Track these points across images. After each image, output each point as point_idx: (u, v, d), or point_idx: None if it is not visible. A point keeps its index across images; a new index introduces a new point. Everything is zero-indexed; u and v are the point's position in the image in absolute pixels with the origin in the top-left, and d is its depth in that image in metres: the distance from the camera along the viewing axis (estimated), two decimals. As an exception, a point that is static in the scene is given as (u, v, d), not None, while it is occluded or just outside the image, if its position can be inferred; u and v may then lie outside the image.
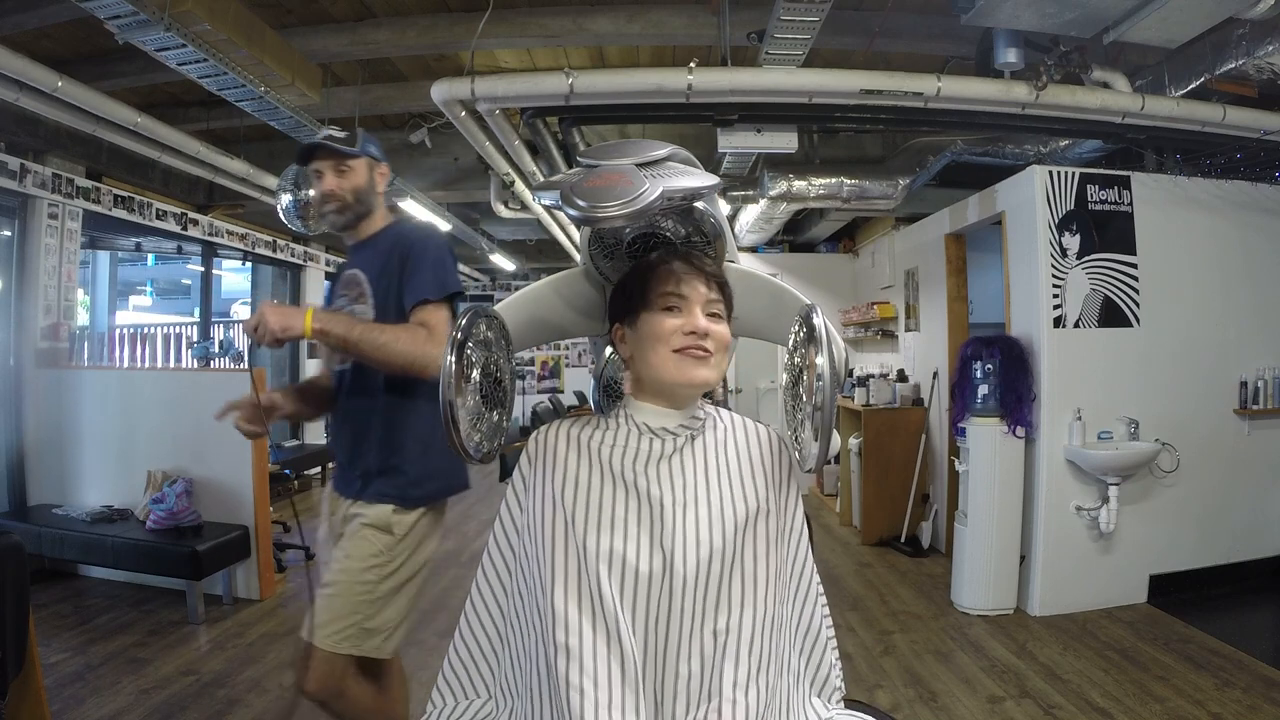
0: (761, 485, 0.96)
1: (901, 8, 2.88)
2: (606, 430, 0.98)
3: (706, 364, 0.92)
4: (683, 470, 0.94)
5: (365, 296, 1.58)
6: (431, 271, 1.53)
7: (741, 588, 0.89)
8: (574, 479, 0.92)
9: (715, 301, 0.95)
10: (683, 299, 0.93)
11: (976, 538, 3.29)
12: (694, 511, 0.90)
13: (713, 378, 0.93)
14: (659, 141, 0.96)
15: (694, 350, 0.92)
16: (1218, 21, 2.43)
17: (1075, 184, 3.32)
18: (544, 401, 7.29)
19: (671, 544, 0.88)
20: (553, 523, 0.90)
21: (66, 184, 3.96)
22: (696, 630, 0.87)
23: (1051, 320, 3.26)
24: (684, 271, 0.94)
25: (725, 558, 0.89)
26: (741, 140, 3.24)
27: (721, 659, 0.86)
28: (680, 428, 0.97)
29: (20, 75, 2.82)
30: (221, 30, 2.60)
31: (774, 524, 0.95)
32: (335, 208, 1.64)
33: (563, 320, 1.16)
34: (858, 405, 4.60)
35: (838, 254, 6.27)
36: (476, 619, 0.97)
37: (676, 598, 0.86)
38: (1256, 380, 3.49)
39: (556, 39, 3.08)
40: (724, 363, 0.96)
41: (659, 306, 0.93)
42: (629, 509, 0.90)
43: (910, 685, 2.57)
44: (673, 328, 0.92)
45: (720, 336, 0.94)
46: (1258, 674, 2.57)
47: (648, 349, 0.94)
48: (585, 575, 0.86)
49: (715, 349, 0.93)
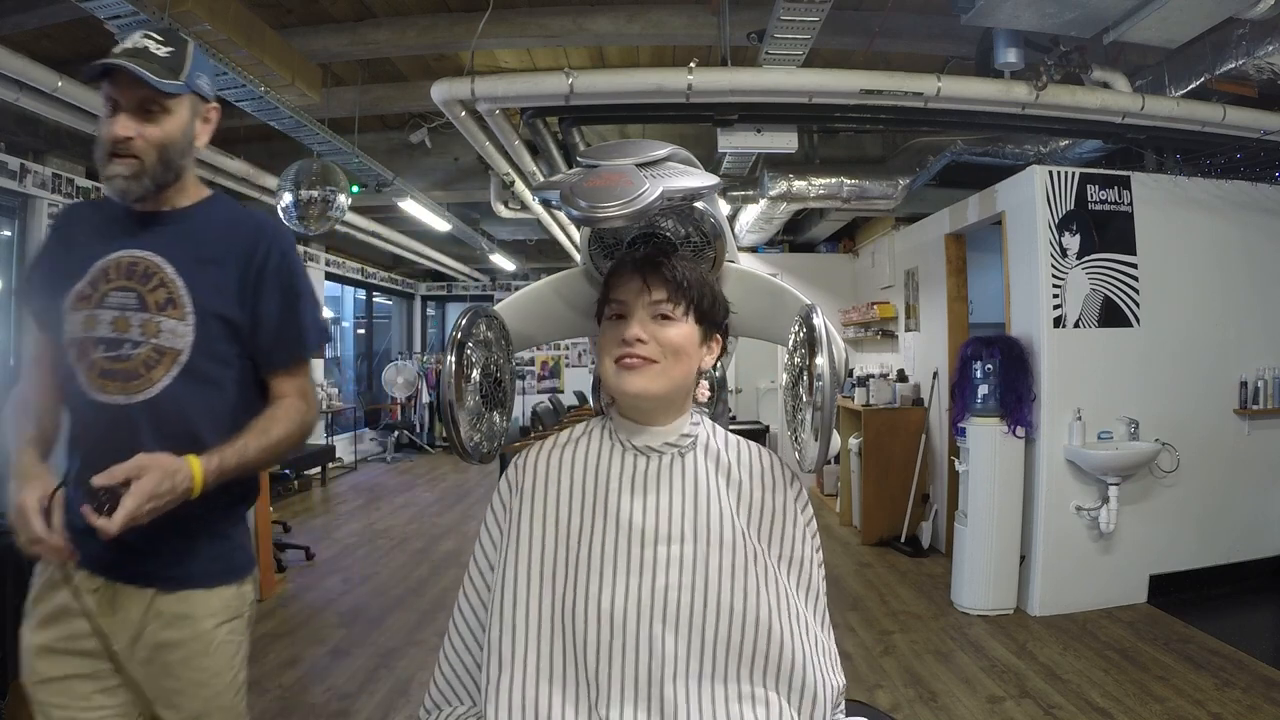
0: (757, 514, 0.91)
1: (901, 8, 2.88)
2: (589, 446, 0.93)
3: (641, 373, 0.86)
4: (669, 495, 0.88)
5: (177, 304, 1.02)
6: (312, 314, 1.12)
7: (729, 630, 0.83)
8: (554, 516, 0.88)
9: (661, 303, 0.87)
10: (623, 304, 0.88)
11: (976, 538, 3.28)
12: (679, 545, 0.85)
13: (650, 387, 0.86)
14: (659, 141, 0.96)
15: (625, 360, 0.86)
16: (1218, 21, 2.42)
17: (1075, 184, 3.32)
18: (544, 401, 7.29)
19: (652, 586, 0.83)
20: (526, 581, 0.86)
21: (66, 184, 3.96)
22: (686, 678, 0.81)
23: (1051, 320, 3.26)
24: (629, 275, 0.89)
25: (711, 599, 0.83)
26: (741, 140, 3.24)
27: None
28: (665, 445, 0.91)
29: (20, 75, 2.82)
30: (221, 30, 2.60)
31: (767, 556, 0.89)
32: (130, 170, 1.04)
33: (563, 320, 1.16)
34: (858, 405, 4.60)
35: (838, 254, 6.27)
36: (458, 636, 0.93)
37: (657, 644, 0.81)
38: (1256, 380, 3.49)
39: (556, 39, 3.08)
40: (676, 368, 0.88)
41: (607, 315, 0.90)
42: (605, 544, 0.86)
43: (910, 685, 2.57)
44: (614, 338, 0.88)
45: (666, 339, 0.87)
46: (1258, 674, 2.57)
47: (600, 360, 0.91)
48: (559, 643, 0.82)
49: (656, 354, 0.86)
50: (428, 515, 5.35)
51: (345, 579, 3.81)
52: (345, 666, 2.73)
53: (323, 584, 3.73)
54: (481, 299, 9.63)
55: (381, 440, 8.29)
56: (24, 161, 3.69)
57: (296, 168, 3.57)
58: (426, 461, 8.10)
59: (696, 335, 0.90)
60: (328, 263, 7.29)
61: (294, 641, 2.97)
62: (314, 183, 3.53)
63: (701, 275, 0.92)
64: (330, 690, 2.55)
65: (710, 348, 0.93)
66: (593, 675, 0.81)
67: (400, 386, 8.16)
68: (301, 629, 3.11)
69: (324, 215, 3.57)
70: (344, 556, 4.22)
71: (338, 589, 3.65)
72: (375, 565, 4.05)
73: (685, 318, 0.88)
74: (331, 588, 3.67)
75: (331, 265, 7.40)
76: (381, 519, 5.25)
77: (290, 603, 3.44)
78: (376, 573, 3.92)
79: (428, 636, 3.00)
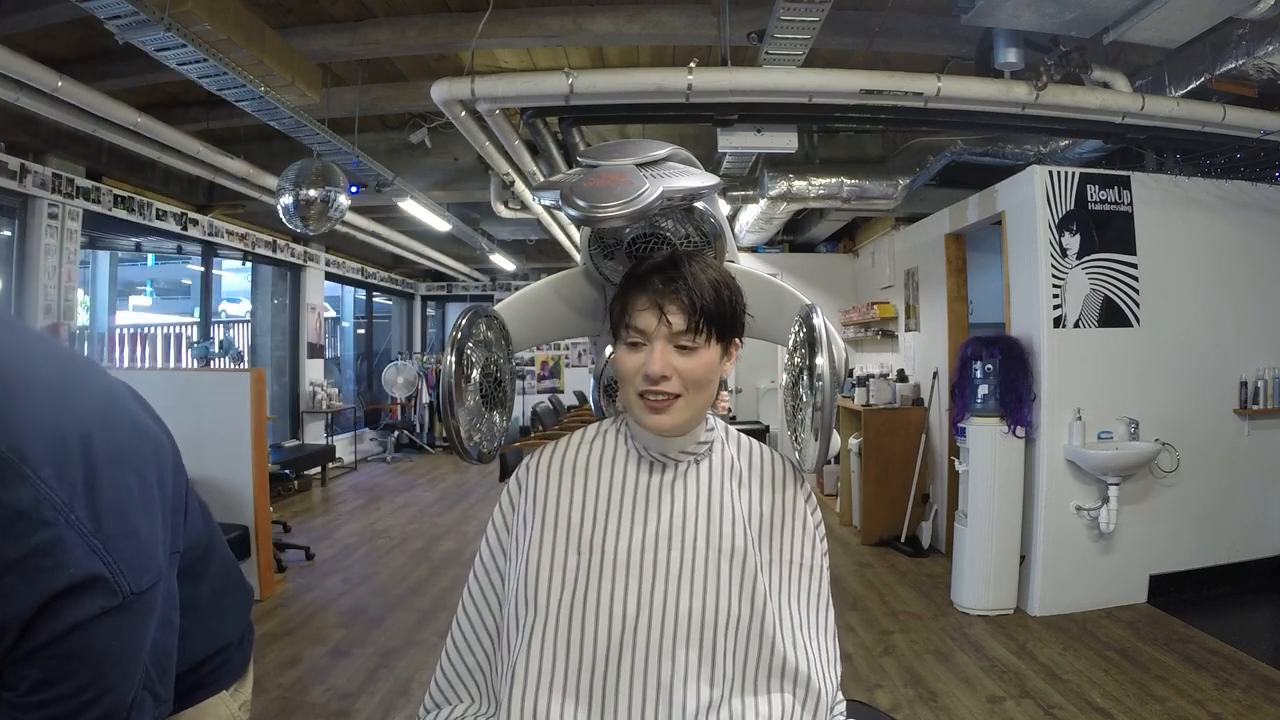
0: (768, 520, 0.91)
1: (901, 8, 2.88)
2: (604, 451, 0.92)
3: (668, 412, 0.84)
4: (684, 503, 0.88)
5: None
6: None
7: (737, 638, 0.83)
8: (566, 522, 0.88)
9: (683, 333, 0.83)
10: (643, 333, 0.84)
11: (976, 538, 3.29)
12: (691, 553, 0.85)
13: (677, 422, 0.85)
14: (659, 141, 0.96)
15: (650, 401, 0.84)
16: (1218, 21, 2.42)
17: (1075, 184, 3.32)
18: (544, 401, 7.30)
19: (665, 593, 0.83)
20: (535, 586, 0.85)
21: (66, 184, 3.96)
22: (698, 683, 0.82)
23: (1051, 320, 3.26)
24: (645, 304, 0.84)
25: (723, 608, 0.84)
26: (741, 140, 3.24)
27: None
28: (682, 454, 0.90)
29: (20, 75, 2.82)
30: (221, 30, 2.60)
31: (782, 564, 0.89)
32: None
33: (563, 320, 1.15)
34: (858, 405, 4.59)
35: (838, 254, 6.27)
36: (461, 635, 0.93)
37: (668, 649, 0.82)
38: (1256, 380, 3.49)
39: (556, 39, 3.08)
40: (699, 397, 0.86)
41: (625, 340, 0.86)
42: (619, 552, 0.85)
43: (910, 685, 2.57)
44: (634, 367, 0.84)
45: (691, 372, 0.83)
46: (1258, 674, 2.57)
47: (621, 384, 0.88)
48: (568, 653, 0.82)
49: (679, 389, 0.84)
50: (428, 515, 5.34)
51: (345, 579, 3.81)
52: (345, 666, 2.73)
53: (323, 584, 3.73)
54: (481, 299, 9.63)
55: (381, 440, 8.29)
56: (24, 161, 3.70)
57: (296, 168, 3.57)
58: (426, 461, 8.10)
59: (718, 357, 0.87)
60: (328, 263, 7.29)
61: (294, 641, 2.97)
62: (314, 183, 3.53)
63: (718, 281, 0.86)
64: (330, 690, 2.55)
65: (730, 354, 0.90)
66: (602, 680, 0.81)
67: (400, 386, 8.16)
68: (301, 629, 3.11)
69: (324, 215, 3.57)
70: (344, 556, 4.22)
71: (338, 589, 3.65)
72: (375, 565, 4.05)
73: (707, 345, 0.84)
74: (331, 588, 3.67)
75: (331, 265, 7.40)
76: (381, 519, 5.25)
77: (290, 603, 3.44)
78: (376, 573, 3.92)
79: (428, 636, 3.00)
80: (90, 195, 4.12)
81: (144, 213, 4.60)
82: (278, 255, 6.39)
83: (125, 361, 4.26)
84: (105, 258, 6.53)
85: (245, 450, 3.40)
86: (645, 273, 0.86)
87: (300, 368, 6.93)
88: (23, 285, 3.83)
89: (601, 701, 0.81)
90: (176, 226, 4.96)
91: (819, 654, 0.88)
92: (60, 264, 3.95)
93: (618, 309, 0.87)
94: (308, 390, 6.93)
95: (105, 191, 4.24)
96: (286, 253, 6.52)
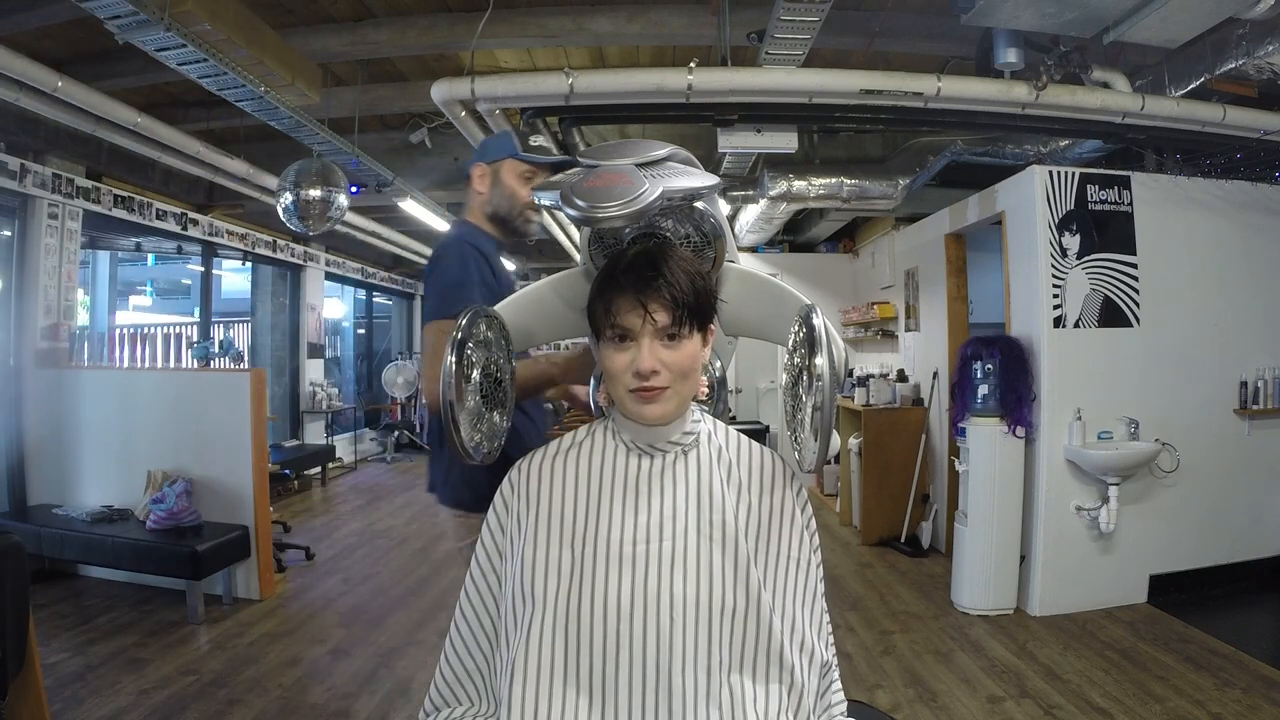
0: (758, 514, 0.92)
1: (901, 8, 2.88)
2: (593, 448, 0.94)
3: (659, 402, 0.87)
4: (673, 493, 0.90)
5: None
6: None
7: (731, 625, 0.85)
8: (559, 519, 0.89)
9: (667, 328, 0.86)
10: (628, 330, 0.86)
11: (976, 538, 3.28)
12: (683, 541, 0.87)
13: (667, 410, 0.88)
14: (659, 141, 0.96)
15: (641, 394, 0.87)
16: (1218, 21, 2.42)
17: (1075, 184, 3.32)
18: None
19: (658, 582, 0.85)
20: (532, 581, 0.86)
21: (66, 184, 3.96)
22: (695, 668, 0.83)
23: (1051, 320, 3.26)
24: (628, 301, 0.86)
25: (717, 595, 0.85)
26: (741, 140, 3.24)
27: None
28: (669, 444, 0.92)
29: (20, 75, 2.82)
30: (221, 30, 2.60)
31: (772, 556, 0.90)
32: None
33: (563, 320, 1.15)
34: (858, 405, 4.59)
35: (838, 254, 6.27)
36: (460, 637, 0.94)
37: (664, 636, 0.83)
38: (1256, 380, 3.49)
39: (556, 39, 3.08)
40: (686, 385, 0.89)
41: (610, 338, 0.88)
42: (611, 543, 0.87)
43: (910, 685, 2.57)
44: (623, 365, 0.87)
45: (677, 364, 0.87)
46: (1258, 674, 2.57)
47: (609, 381, 0.90)
48: (567, 646, 0.83)
49: (668, 380, 0.87)
50: (428, 515, 5.34)
51: (345, 579, 3.81)
52: (345, 666, 2.73)
53: (323, 584, 3.73)
54: (481, 299, 9.60)
55: (381, 440, 8.29)
56: (24, 161, 3.69)
57: (296, 168, 3.57)
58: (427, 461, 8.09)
59: (700, 344, 0.90)
60: (328, 263, 7.29)
61: (294, 641, 2.97)
62: (314, 183, 3.53)
63: (692, 272, 0.88)
64: (330, 690, 2.55)
65: (706, 340, 0.92)
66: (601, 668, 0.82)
67: (400, 386, 8.15)
68: (301, 629, 3.11)
69: (324, 215, 3.57)
70: (344, 556, 4.22)
71: (338, 589, 3.65)
72: (375, 565, 4.05)
73: (690, 334, 0.88)
74: (331, 588, 3.67)
75: (331, 265, 7.40)
76: (381, 519, 5.25)
77: (290, 603, 3.44)
78: (376, 573, 3.92)
79: (428, 636, 3.00)
80: (90, 195, 4.12)
81: (144, 213, 4.60)
82: (278, 255, 6.39)
83: (125, 362, 4.26)
84: (105, 258, 6.53)
85: (245, 450, 3.40)
86: (623, 272, 0.87)
87: (300, 368, 6.93)
88: (23, 285, 3.83)
89: (602, 689, 0.82)
90: (176, 226, 4.96)
91: (804, 648, 0.89)
92: (60, 264, 3.95)
93: (600, 309, 0.89)
94: (308, 390, 6.93)
95: (105, 191, 4.23)
96: (286, 253, 6.52)
